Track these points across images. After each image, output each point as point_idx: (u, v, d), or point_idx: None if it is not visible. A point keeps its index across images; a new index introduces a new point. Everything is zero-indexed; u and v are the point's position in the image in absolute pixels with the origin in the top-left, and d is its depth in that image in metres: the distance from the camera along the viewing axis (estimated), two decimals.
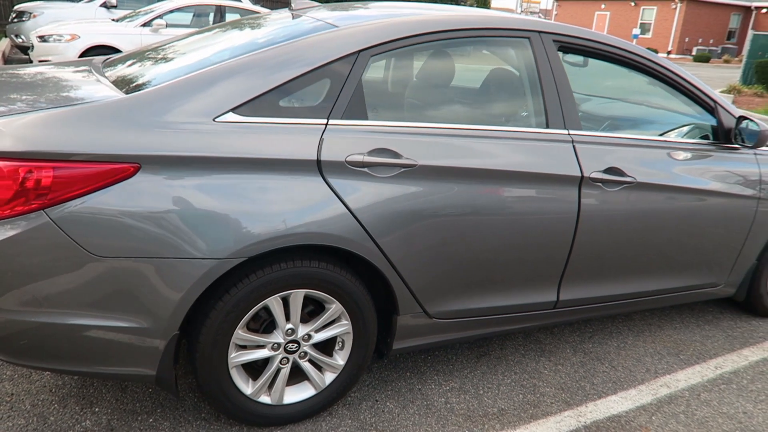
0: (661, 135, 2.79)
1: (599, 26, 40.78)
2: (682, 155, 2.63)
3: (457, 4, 28.32)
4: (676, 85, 2.68)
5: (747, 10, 34.28)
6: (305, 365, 2.10)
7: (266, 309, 1.97)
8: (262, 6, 11.45)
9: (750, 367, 2.76)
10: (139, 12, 9.26)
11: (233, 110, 1.85)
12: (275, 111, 1.91)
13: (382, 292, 2.19)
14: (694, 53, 32.94)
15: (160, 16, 8.90)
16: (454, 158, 2.10)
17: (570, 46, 2.45)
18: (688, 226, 2.66)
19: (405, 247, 2.06)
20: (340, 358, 2.15)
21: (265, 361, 2.05)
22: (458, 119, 2.24)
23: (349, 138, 1.96)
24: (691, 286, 2.86)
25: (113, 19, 9.40)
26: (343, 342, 2.14)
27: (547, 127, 2.33)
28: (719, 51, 33.00)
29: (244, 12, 10.06)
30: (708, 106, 2.74)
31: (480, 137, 2.18)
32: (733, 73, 23.23)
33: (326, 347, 2.14)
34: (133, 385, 2.26)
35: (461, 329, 2.34)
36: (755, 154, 2.83)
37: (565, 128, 2.35)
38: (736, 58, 31.45)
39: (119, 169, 1.69)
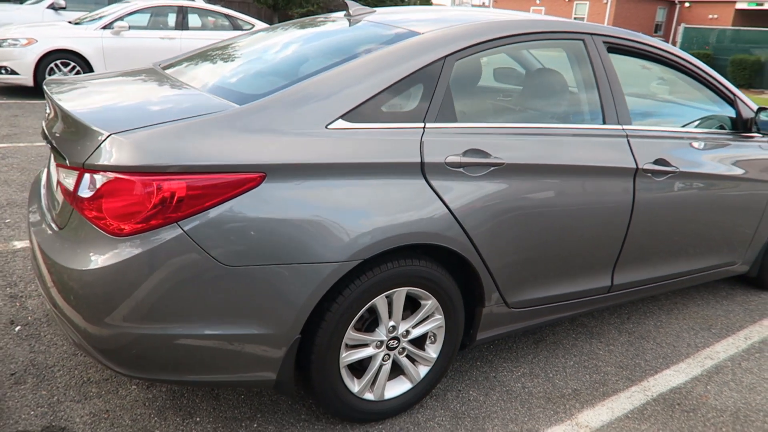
0: (683, 126, 3.01)
1: None
2: (709, 144, 2.85)
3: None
4: (702, 79, 2.91)
5: (672, 4, 36.17)
6: (403, 360, 2.17)
7: (369, 309, 2.03)
8: (222, 6, 11.22)
9: None
10: (99, 15, 8.92)
11: (342, 117, 1.90)
12: (378, 116, 1.97)
13: (464, 285, 2.29)
14: None
15: (121, 18, 8.60)
16: (532, 155, 2.22)
17: (616, 46, 2.61)
18: (718, 209, 2.89)
19: (492, 241, 2.16)
20: (432, 352, 2.23)
21: (366, 359, 2.11)
22: (532, 118, 2.36)
23: (445, 140, 2.05)
24: (716, 265, 3.11)
25: (70, 22, 9.00)
26: (434, 336, 2.22)
27: (604, 123, 2.49)
28: None
29: (203, 12, 9.85)
30: (728, 98, 2.98)
31: (551, 135, 2.30)
32: None
33: (418, 342, 2.22)
34: (225, 392, 2.27)
35: (533, 317, 2.47)
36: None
37: (618, 123, 2.52)
38: None
39: (247, 178, 1.72)
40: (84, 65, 8.28)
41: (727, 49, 18.42)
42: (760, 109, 2.98)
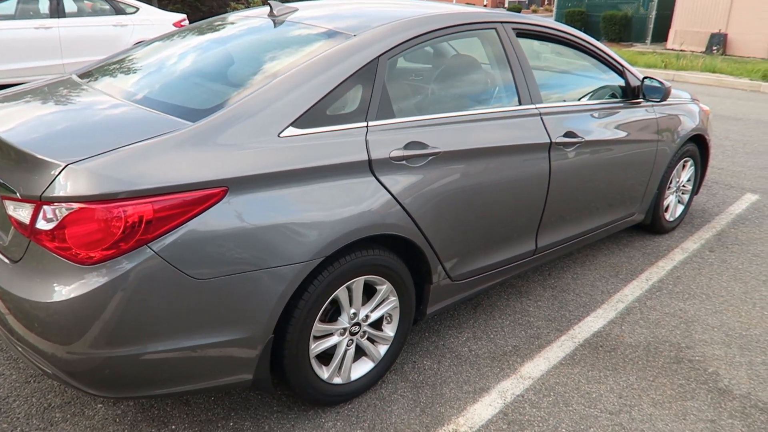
0: (580, 99, 3.34)
1: None
2: (606, 113, 3.20)
3: None
4: (596, 54, 3.23)
5: None
6: (365, 343, 2.34)
7: (331, 300, 2.16)
8: None
9: (668, 274, 3.49)
10: None
11: (292, 124, 1.98)
12: (324, 120, 2.07)
13: (412, 266, 2.47)
14: (506, 5, 35.86)
15: None
16: (463, 141, 2.41)
17: (522, 31, 2.85)
18: (618, 169, 3.26)
19: (435, 224, 2.35)
20: (389, 331, 2.41)
21: (331, 347, 2.25)
22: (459, 106, 2.55)
23: (386, 136, 2.18)
24: (620, 218, 3.51)
25: None
26: (390, 316, 2.40)
27: (520, 103, 2.73)
28: (527, 2, 36.27)
29: None
30: (618, 70, 3.33)
31: (477, 120, 2.51)
32: None
33: (376, 324, 2.39)
34: (194, 396, 2.33)
35: (474, 286, 2.71)
36: (652, 106, 3.50)
37: (532, 103, 2.77)
38: (542, 8, 34.90)
39: (210, 194, 1.78)
40: None
41: (599, 6, 19.69)
42: (645, 78, 3.36)
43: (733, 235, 4.09)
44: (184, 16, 9.98)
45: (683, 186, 4.10)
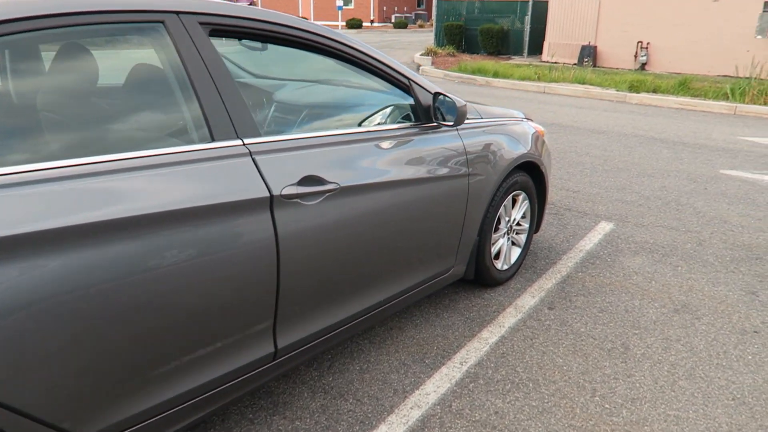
0: (361, 123, 2.43)
1: (305, 6, 41.86)
2: (387, 144, 2.30)
3: None
4: (364, 64, 2.32)
5: None
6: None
7: None
8: None
9: (491, 352, 2.63)
10: None
11: None
12: None
13: None
14: (393, 20, 35.76)
15: None
16: (61, 210, 1.38)
17: (226, 29, 1.87)
18: (410, 218, 2.36)
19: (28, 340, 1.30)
20: None
21: None
22: (80, 144, 1.52)
23: None
24: (426, 278, 2.61)
25: None
26: None
27: (213, 140, 1.75)
28: (413, 17, 36.40)
29: None
30: (402, 84, 2.45)
31: (120, 171, 1.50)
32: (428, 36, 25.76)
33: None
34: None
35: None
36: (457, 129, 2.66)
37: (237, 138, 1.80)
38: (428, 23, 35.07)
39: None
40: None
41: (476, 20, 19.57)
42: (436, 94, 2.49)
43: (579, 281, 3.34)
44: None
45: (518, 225, 3.31)
